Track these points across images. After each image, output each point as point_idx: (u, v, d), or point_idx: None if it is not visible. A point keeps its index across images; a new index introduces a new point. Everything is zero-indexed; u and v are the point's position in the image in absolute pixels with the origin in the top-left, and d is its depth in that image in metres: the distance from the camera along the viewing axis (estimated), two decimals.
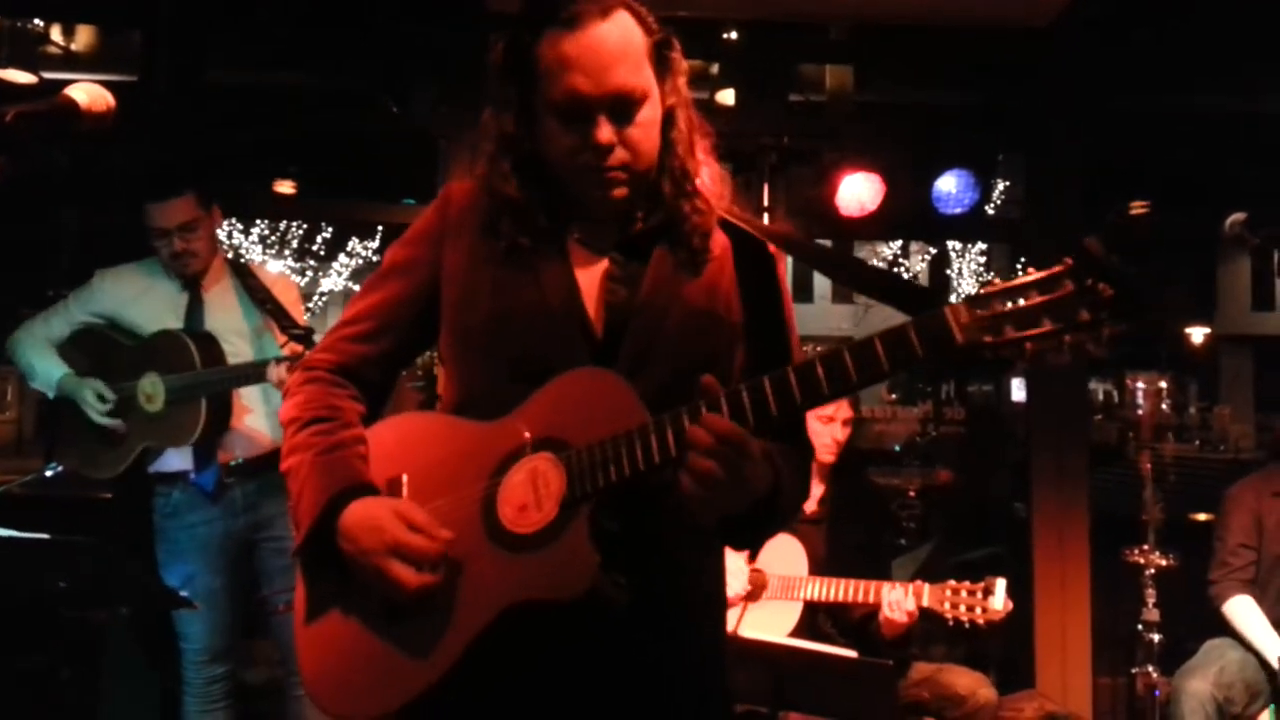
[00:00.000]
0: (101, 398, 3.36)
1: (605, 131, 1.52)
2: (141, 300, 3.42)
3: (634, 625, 1.51)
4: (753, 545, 1.70)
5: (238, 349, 3.39)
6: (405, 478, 1.61)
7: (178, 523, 3.38)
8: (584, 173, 1.55)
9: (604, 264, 1.62)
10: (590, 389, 1.50)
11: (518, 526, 1.47)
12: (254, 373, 3.21)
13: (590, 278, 1.62)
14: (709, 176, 1.68)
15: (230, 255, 3.67)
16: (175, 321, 3.38)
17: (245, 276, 3.52)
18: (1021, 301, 1.28)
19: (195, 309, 3.41)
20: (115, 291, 3.44)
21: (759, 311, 1.67)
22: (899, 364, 1.34)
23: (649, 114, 1.56)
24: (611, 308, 1.59)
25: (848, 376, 1.35)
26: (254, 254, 13.58)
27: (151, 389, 3.32)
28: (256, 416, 3.45)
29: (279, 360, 3.12)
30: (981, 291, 1.31)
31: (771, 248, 1.70)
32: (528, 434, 1.51)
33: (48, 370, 3.42)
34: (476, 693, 1.51)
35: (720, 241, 1.66)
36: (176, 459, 3.37)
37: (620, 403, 1.47)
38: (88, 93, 1.53)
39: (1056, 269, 1.28)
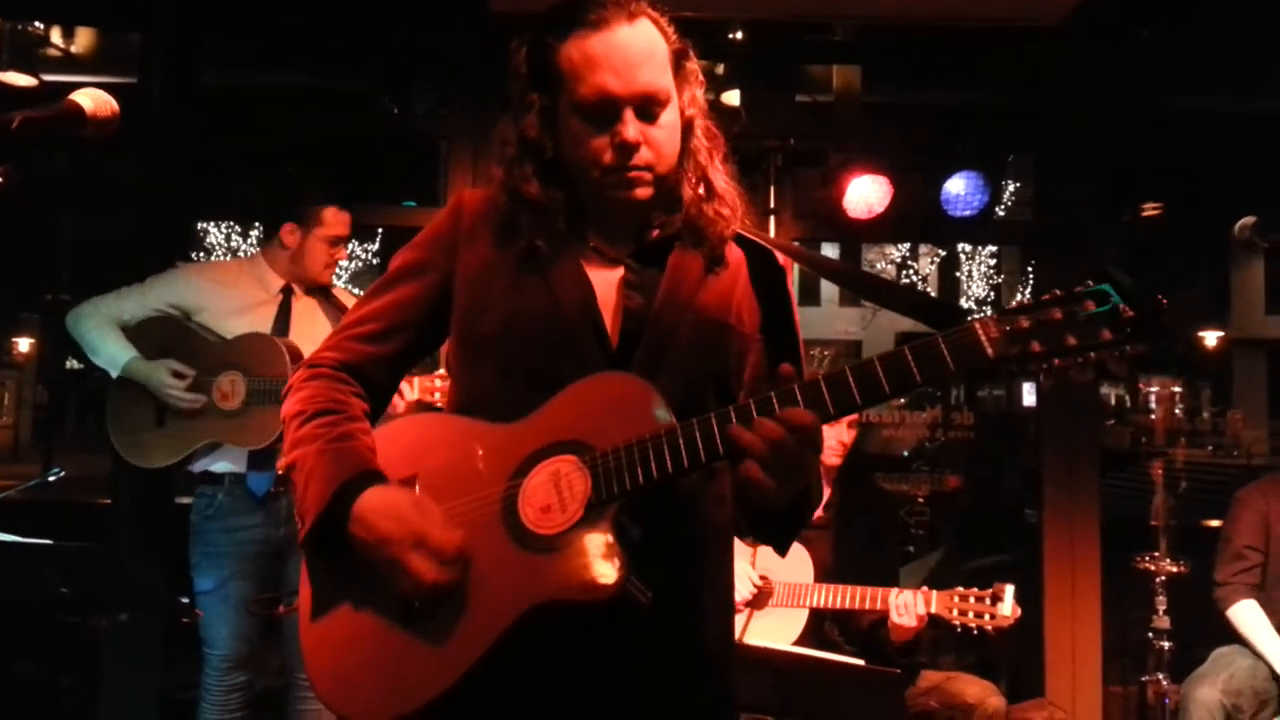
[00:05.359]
0: (179, 375, 3.31)
1: (632, 129, 1.54)
2: (229, 298, 3.42)
3: (653, 627, 1.50)
4: (785, 541, 1.71)
5: None
6: (418, 479, 1.58)
7: (218, 525, 3.34)
8: (608, 172, 1.57)
9: (619, 271, 1.63)
10: (614, 392, 1.50)
11: (540, 527, 1.46)
12: None
13: (606, 285, 1.62)
14: (726, 186, 1.69)
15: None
16: (262, 324, 3.38)
17: (328, 296, 3.57)
18: (1045, 318, 1.32)
19: (284, 316, 3.43)
20: (201, 285, 3.44)
21: (772, 322, 1.69)
22: (930, 377, 1.35)
23: (671, 117, 1.59)
24: (627, 315, 1.60)
25: (879, 387, 1.38)
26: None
27: (230, 387, 3.30)
28: None
29: None
30: (1008, 308, 1.35)
31: (781, 259, 1.72)
32: (551, 436, 1.50)
33: (113, 352, 3.37)
34: (494, 694, 1.48)
35: (734, 253, 1.69)
36: (224, 460, 3.35)
37: (647, 406, 1.46)
38: (93, 98, 1.52)
39: (1078, 288, 1.32)
